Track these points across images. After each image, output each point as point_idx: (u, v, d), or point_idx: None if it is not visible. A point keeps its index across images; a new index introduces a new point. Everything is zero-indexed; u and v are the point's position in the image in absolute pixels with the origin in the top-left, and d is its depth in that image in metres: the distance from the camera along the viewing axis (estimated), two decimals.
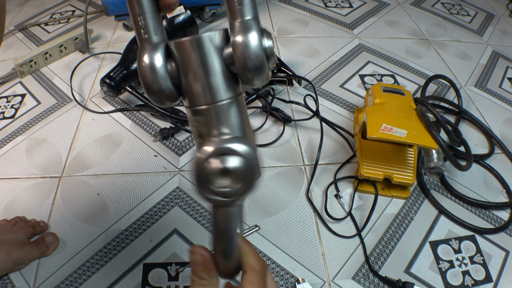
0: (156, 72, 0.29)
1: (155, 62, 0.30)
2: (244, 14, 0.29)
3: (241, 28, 0.29)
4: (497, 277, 0.64)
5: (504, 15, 1.38)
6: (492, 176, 0.80)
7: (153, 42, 0.30)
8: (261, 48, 0.29)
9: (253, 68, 0.29)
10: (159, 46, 0.30)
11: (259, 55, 0.29)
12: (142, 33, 0.30)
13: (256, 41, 0.29)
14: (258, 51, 0.29)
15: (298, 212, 0.72)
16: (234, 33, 0.29)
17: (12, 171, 0.79)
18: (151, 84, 0.30)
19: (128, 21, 1.16)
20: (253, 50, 0.28)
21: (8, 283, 0.61)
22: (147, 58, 0.29)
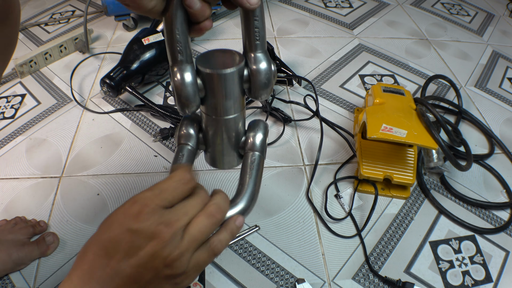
0: (188, 90, 0.38)
1: (188, 82, 0.37)
2: (259, 48, 0.38)
3: (259, 60, 0.39)
4: (497, 277, 0.64)
5: (504, 15, 1.38)
6: (492, 176, 0.80)
7: (185, 62, 0.37)
8: (270, 73, 0.39)
9: (265, 87, 0.40)
10: (189, 67, 0.38)
11: (271, 80, 0.39)
12: (178, 56, 0.37)
13: (269, 69, 0.39)
14: (270, 77, 0.39)
15: (298, 212, 0.72)
16: (253, 63, 0.39)
17: (12, 171, 0.79)
18: (185, 100, 0.38)
19: (128, 21, 1.16)
20: (267, 76, 0.39)
21: (8, 283, 0.61)
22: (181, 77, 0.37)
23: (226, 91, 0.38)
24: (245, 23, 0.37)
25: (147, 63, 0.91)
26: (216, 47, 1.12)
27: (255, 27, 0.37)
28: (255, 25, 0.37)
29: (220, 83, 0.37)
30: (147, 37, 0.93)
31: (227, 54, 0.39)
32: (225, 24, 1.22)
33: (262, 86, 0.39)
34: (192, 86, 0.37)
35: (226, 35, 1.17)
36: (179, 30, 0.35)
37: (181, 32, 0.36)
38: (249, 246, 0.67)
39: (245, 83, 0.40)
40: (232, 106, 0.40)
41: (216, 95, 0.39)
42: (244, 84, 0.40)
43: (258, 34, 0.37)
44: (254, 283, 0.62)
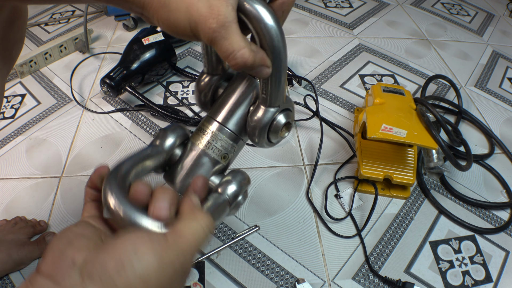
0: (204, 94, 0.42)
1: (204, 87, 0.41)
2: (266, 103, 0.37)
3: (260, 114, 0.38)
4: (497, 277, 0.64)
5: (504, 15, 1.38)
6: (492, 176, 0.80)
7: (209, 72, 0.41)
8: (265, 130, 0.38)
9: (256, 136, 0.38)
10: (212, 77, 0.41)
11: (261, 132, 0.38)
12: (204, 65, 0.41)
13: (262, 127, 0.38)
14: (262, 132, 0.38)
15: (298, 212, 0.72)
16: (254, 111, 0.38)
17: (12, 171, 0.79)
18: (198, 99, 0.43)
19: (128, 21, 1.16)
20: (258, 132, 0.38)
21: (8, 283, 0.61)
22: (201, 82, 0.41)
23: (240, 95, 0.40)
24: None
25: (147, 63, 0.91)
26: None
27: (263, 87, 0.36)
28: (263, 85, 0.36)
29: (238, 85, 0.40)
30: (147, 37, 0.93)
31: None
32: None
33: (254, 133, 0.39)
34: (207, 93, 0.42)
35: None
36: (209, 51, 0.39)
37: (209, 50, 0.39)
38: (249, 246, 0.67)
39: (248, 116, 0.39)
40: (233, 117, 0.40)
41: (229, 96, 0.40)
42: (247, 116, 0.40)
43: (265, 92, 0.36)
44: (254, 283, 0.62)
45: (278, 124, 0.38)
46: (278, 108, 0.37)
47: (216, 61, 0.40)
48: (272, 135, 0.39)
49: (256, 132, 0.38)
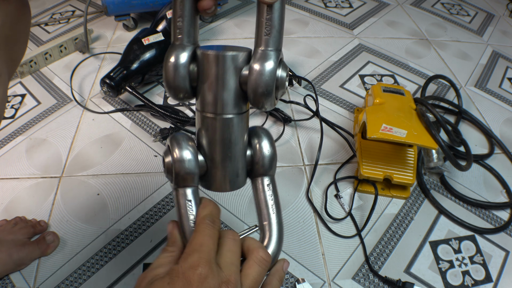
0: (178, 71, 0.33)
1: (180, 61, 0.33)
2: (268, 44, 0.33)
3: (261, 56, 0.33)
4: (497, 277, 0.64)
5: (504, 15, 1.38)
6: (492, 176, 0.80)
7: (183, 43, 0.34)
8: (273, 79, 0.32)
9: (261, 94, 0.33)
10: (187, 48, 0.34)
11: (269, 84, 0.32)
12: (177, 33, 0.33)
13: (270, 71, 0.32)
14: (269, 81, 0.32)
15: (298, 212, 0.72)
16: (254, 59, 0.33)
17: (12, 171, 0.79)
18: (171, 80, 0.34)
19: (128, 21, 1.16)
20: (265, 79, 0.32)
21: (8, 283, 0.61)
22: (174, 57, 0.33)
23: (218, 77, 0.33)
24: (257, 11, 0.33)
25: (147, 63, 0.91)
26: None
27: (267, 18, 0.32)
28: (267, 15, 0.32)
29: (211, 65, 0.33)
30: (147, 37, 0.93)
31: (234, 47, 0.35)
32: (225, 24, 1.22)
33: (259, 90, 0.33)
34: (182, 67, 0.33)
35: (226, 35, 1.17)
36: (184, 5, 0.33)
37: (186, 7, 0.33)
38: None
39: (244, 84, 0.34)
40: (228, 101, 0.34)
41: (207, 80, 0.34)
42: (242, 84, 0.34)
43: (269, 28, 0.32)
44: None
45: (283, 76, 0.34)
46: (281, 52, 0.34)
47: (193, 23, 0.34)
48: (280, 88, 0.34)
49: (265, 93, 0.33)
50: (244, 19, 1.25)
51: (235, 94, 0.34)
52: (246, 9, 1.30)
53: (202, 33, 1.17)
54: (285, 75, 0.33)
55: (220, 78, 0.33)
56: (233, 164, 0.37)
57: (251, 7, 1.31)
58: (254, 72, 0.32)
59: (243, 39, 1.16)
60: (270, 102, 0.34)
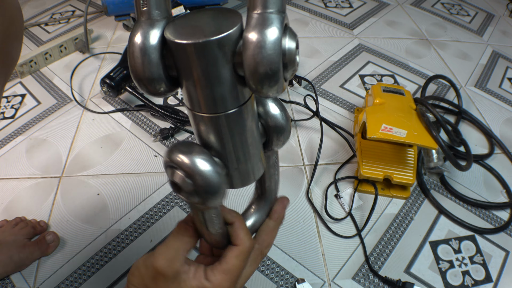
0: (147, 56, 0.24)
1: (148, 43, 0.24)
2: (268, 5, 0.23)
3: (259, 22, 0.22)
4: (497, 277, 0.64)
5: (504, 15, 1.38)
6: (492, 176, 0.80)
7: (152, 17, 0.24)
8: (278, 52, 0.22)
9: (263, 76, 0.23)
10: (157, 24, 0.24)
11: (274, 60, 0.22)
12: (141, 4, 0.24)
13: (273, 40, 0.22)
14: (273, 56, 0.22)
15: (298, 212, 0.72)
16: (249, 27, 0.23)
17: (12, 171, 0.79)
18: (139, 69, 0.24)
19: (128, 21, 1.16)
20: (267, 54, 0.22)
21: (8, 283, 0.61)
22: (139, 36, 0.24)
23: (204, 72, 0.24)
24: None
25: None
26: None
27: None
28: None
29: (191, 58, 0.24)
30: None
31: (220, 14, 0.26)
32: None
33: (260, 72, 0.23)
34: (153, 51, 0.24)
35: None
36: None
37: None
38: None
39: (239, 66, 0.24)
40: (225, 96, 0.26)
41: (190, 76, 0.25)
42: (238, 68, 0.25)
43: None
44: (254, 283, 0.62)
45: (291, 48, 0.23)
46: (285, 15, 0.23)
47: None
48: (290, 66, 0.24)
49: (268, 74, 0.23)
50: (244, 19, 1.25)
51: (231, 84, 0.25)
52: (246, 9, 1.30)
53: None
54: (294, 46, 0.23)
55: (207, 73, 0.24)
56: (253, 157, 0.31)
57: None
58: (251, 46, 0.22)
59: None
60: (276, 86, 0.24)
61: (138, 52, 0.24)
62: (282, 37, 0.23)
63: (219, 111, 0.26)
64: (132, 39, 0.24)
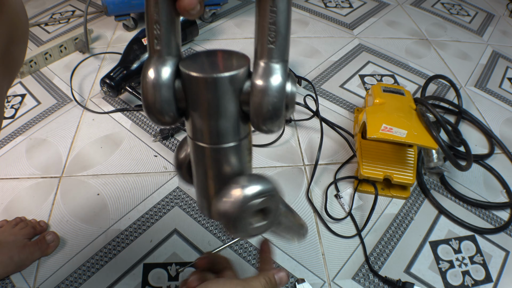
0: (161, 92, 0.26)
1: (162, 79, 0.26)
2: (273, 55, 0.26)
3: (265, 71, 0.26)
4: (497, 277, 0.64)
5: (504, 15, 1.38)
6: (492, 176, 0.80)
7: (164, 55, 0.27)
8: (281, 98, 0.26)
9: (268, 118, 0.26)
10: (169, 61, 0.27)
11: (278, 106, 0.26)
12: (155, 43, 0.26)
13: (278, 88, 0.26)
14: (277, 102, 0.26)
15: (298, 212, 0.72)
16: (257, 74, 0.26)
17: (12, 171, 0.79)
18: (152, 104, 0.27)
19: (128, 21, 1.16)
20: (272, 100, 0.26)
21: (8, 283, 0.61)
22: (153, 73, 0.26)
23: (213, 104, 0.27)
24: (258, 15, 0.26)
25: None
26: (216, 47, 1.12)
27: (270, 22, 0.25)
28: (270, 19, 0.25)
29: (202, 91, 0.26)
30: None
31: (228, 56, 0.29)
32: (225, 24, 1.22)
33: (265, 114, 0.26)
34: (166, 87, 0.26)
35: (226, 35, 1.17)
36: (160, 7, 0.25)
37: (162, 9, 0.25)
38: (249, 246, 0.67)
39: (245, 104, 0.27)
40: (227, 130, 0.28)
41: (199, 107, 0.27)
42: (243, 106, 0.27)
43: (275, 34, 0.25)
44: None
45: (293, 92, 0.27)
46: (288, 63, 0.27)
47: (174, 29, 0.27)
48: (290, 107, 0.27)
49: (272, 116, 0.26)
50: (244, 19, 1.25)
51: (236, 120, 0.28)
52: (246, 9, 1.30)
53: (202, 33, 1.17)
54: (295, 90, 0.27)
55: (216, 105, 0.27)
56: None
57: (251, 7, 1.31)
58: (258, 92, 0.26)
59: (243, 39, 1.16)
60: (278, 125, 0.27)
61: (152, 88, 0.26)
62: (286, 83, 0.26)
63: (216, 142, 0.28)
64: (145, 75, 0.27)
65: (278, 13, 0.25)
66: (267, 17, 0.25)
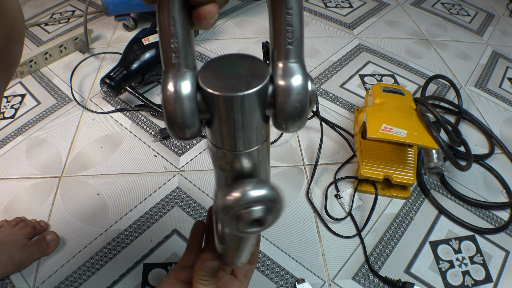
0: (184, 106, 0.26)
1: (183, 93, 0.26)
2: (291, 56, 0.27)
3: (286, 72, 0.26)
4: (497, 277, 0.64)
5: (504, 15, 1.38)
6: (492, 176, 0.80)
7: (182, 69, 0.26)
8: (306, 95, 0.26)
9: (295, 116, 0.27)
10: (188, 75, 0.26)
11: (304, 103, 0.26)
12: (172, 57, 0.26)
13: (301, 87, 0.26)
14: (303, 99, 0.26)
15: (298, 212, 0.72)
16: (278, 76, 0.26)
17: (12, 171, 0.79)
18: (175, 119, 0.26)
19: (128, 21, 1.16)
20: (298, 98, 0.26)
21: (8, 283, 0.61)
22: (174, 88, 0.26)
23: (240, 119, 0.26)
24: (273, 17, 0.26)
25: (147, 63, 0.91)
26: (216, 47, 1.12)
27: (287, 24, 0.26)
28: (287, 21, 0.26)
29: (228, 109, 0.26)
30: (147, 37, 0.93)
31: (245, 62, 0.27)
32: (225, 24, 1.22)
33: (292, 113, 0.26)
34: (188, 102, 0.26)
35: (226, 35, 1.17)
36: (175, 19, 0.25)
37: (178, 21, 0.25)
38: None
39: (268, 107, 0.27)
40: (252, 137, 0.28)
41: (224, 123, 0.27)
42: (266, 110, 0.27)
43: (292, 35, 0.26)
44: (254, 283, 0.62)
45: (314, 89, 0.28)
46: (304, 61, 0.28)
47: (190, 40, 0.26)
48: (313, 103, 0.28)
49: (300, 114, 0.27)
50: (244, 19, 1.25)
51: (260, 127, 0.28)
52: (246, 9, 1.30)
53: (202, 33, 1.17)
54: (315, 87, 0.28)
55: (242, 119, 0.27)
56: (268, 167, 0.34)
57: (251, 7, 1.31)
58: (284, 93, 0.26)
59: (243, 39, 1.16)
60: (303, 122, 0.27)
61: (173, 103, 0.26)
62: (308, 81, 0.27)
63: (241, 150, 0.28)
64: (166, 91, 0.26)
65: (294, 14, 0.26)
66: (283, 19, 0.26)
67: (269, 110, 0.27)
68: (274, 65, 0.27)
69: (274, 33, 0.26)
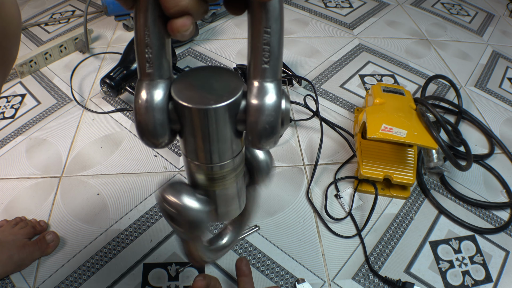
0: (155, 116, 0.26)
1: (155, 103, 0.26)
2: (267, 75, 0.26)
3: (260, 91, 0.26)
4: (497, 277, 0.64)
5: (504, 15, 1.38)
6: (492, 176, 0.80)
7: (156, 79, 0.26)
8: (277, 116, 0.26)
9: (265, 136, 0.27)
10: (161, 85, 0.26)
11: (274, 123, 0.26)
12: (146, 67, 0.26)
13: (273, 108, 0.26)
14: (273, 120, 0.26)
15: (298, 212, 0.72)
16: (252, 95, 0.26)
17: (12, 171, 0.79)
18: (146, 127, 0.27)
19: (128, 21, 1.16)
20: (268, 119, 0.26)
21: (8, 283, 0.61)
22: (145, 97, 0.26)
23: (209, 132, 0.27)
24: (251, 35, 0.26)
25: None
26: (216, 47, 1.12)
27: (264, 43, 0.25)
28: (264, 40, 0.25)
29: (196, 120, 0.26)
30: None
31: (221, 76, 0.28)
32: (225, 24, 1.22)
33: (262, 133, 0.26)
34: (159, 112, 0.26)
35: (226, 35, 1.17)
36: (150, 29, 0.25)
37: (152, 32, 0.25)
38: (249, 246, 0.67)
39: (240, 123, 0.27)
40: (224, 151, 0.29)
41: (194, 135, 0.27)
42: (238, 125, 0.27)
43: (269, 54, 0.25)
44: (254, 283, 0.62)
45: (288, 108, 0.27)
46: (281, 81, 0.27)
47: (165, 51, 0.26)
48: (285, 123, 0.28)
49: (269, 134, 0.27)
50: (244, 19, 1.24)
51: (232, 141, 0.29)
52: None
53: (202, 33, 1.17)
54: (289, 107, 0.27)
55: (212, 132, 0.27)
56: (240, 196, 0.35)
57: None
58: (254, 112, 0.26)
59: (243, 39, 1.16)
60: (274, 142, 0.27)
61: (145, 112, 0.26)
62: (281, 101, 0.26)
63: (212, 163, 0.29)
64: (137, 100, 0.26)
65: (272, 33, 0.25)
66: (261, 37, 0.25)
67: (241, 126, 0.27)
68: (249, 83, 0.26)
69: (251, 51, 0.26)
